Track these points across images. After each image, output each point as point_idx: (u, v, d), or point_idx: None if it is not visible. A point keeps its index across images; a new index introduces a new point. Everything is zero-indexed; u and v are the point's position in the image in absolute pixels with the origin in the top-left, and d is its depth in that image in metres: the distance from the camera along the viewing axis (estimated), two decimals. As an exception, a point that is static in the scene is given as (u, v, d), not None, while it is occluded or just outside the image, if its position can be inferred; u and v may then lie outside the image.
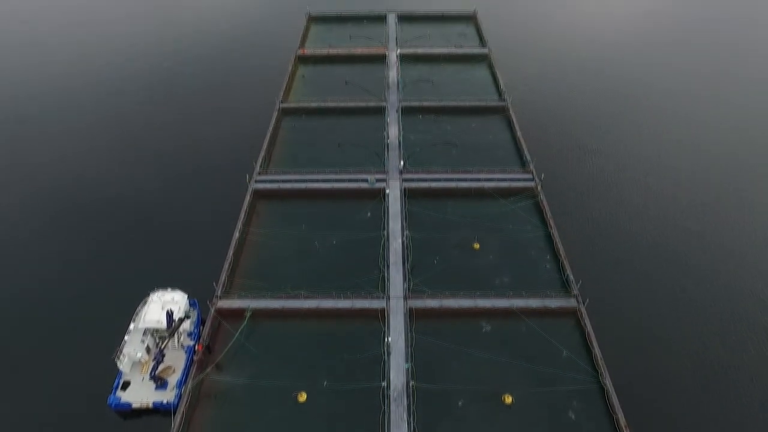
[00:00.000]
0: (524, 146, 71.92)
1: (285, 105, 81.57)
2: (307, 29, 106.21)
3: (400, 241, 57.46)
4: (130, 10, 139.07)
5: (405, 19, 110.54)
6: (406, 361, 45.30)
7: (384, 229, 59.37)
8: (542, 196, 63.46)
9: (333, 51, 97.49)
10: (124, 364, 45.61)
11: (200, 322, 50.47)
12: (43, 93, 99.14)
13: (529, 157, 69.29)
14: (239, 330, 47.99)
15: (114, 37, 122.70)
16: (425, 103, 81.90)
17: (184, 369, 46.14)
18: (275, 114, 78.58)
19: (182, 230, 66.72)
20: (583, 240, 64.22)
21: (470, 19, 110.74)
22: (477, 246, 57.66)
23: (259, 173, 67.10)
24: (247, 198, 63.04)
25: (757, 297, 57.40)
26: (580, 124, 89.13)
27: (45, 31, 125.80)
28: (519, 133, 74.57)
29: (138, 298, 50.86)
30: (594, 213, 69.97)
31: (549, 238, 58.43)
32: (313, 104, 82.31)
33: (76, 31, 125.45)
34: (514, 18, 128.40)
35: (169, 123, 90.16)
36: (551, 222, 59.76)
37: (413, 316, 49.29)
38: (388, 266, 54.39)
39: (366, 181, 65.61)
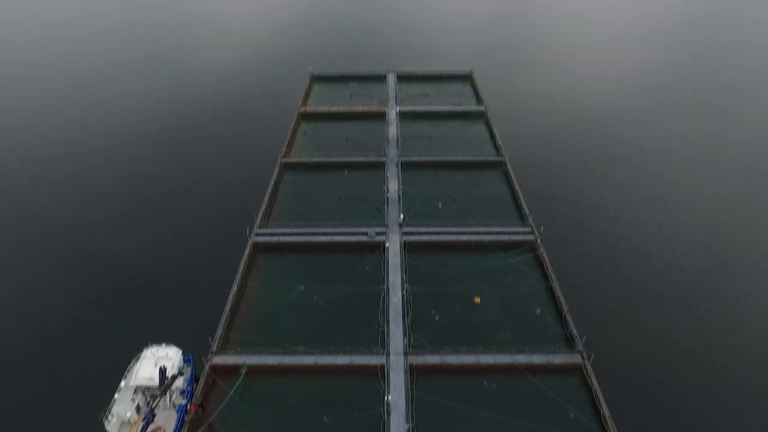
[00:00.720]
0: (523, 200, 72.59)
1: (287, 160, 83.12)
2: (309, 88, 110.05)
3: (400, 295, 56.75)
4: (139, 66, 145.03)
5: (404, 78, 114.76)
6: (407, 421, 43.46)
7: (384, 282, 58.79)
8: (542, 249, 63.34)
9: (334, 108, 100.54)
10: (111, 425, 43.73)
11: (194, 379, 48.88)
12: (44, 141, 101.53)
13: (527, 211, 69.77)
14: (234, 388, 46.40)
15: (122, 90, 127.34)
16: (424, 158, 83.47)
17: (175, 430, 44.18)
18: (277, 168, 79.93)
19: (180, 283, 66.25)
20: (585, 292, 63.58)
21: (467, 78, 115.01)
22: (478, 300, 56.89)
23: (260, 226, 67.33)
24: (247, 251, 62.89)
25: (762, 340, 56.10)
26: (576, 177, 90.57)
27: (54, 86, 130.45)
28: (517, 187, 75.49)
29: (132, 354, 49.60)
30: (594, 265, 69.71)
31: (550, 291, 57.75)
32: (315, 159, 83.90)
33: (84, 85, 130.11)
34: (508, 77, 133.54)
35: (172, 177, 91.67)
36: (552, 275, 59.28)
37: (414, 372, 47.82)
38: (388, 321, 53.39)
39: (366, 234, 65.72)
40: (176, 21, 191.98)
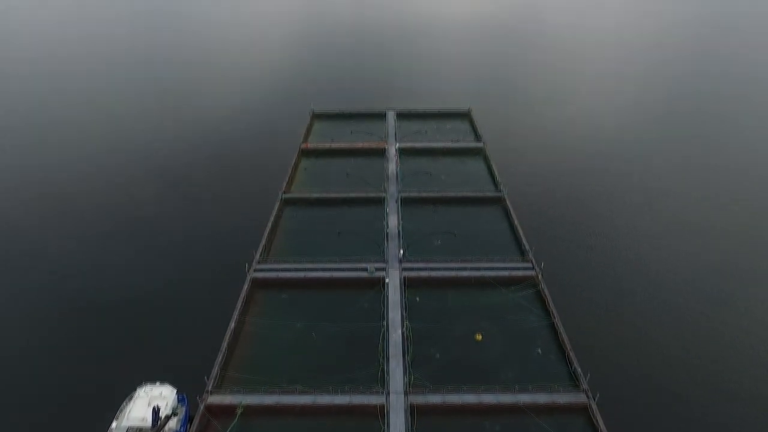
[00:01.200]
0: (522, 235, 72.60)
1: (287, 195, 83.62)
2: (311, 125, 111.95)
3: (400, 332, 55.92)
4: (141, 102, 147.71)
5: (403, 116, 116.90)
6: (408, 465, 41.98)
7: (383, 319, 58.04)
8: (543, 285, 62.86)
9: (335, 145, 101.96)
10: (102, 469, 42.23)
11: (188, 419, 47.52)
12: (43, 178, 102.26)
13: (527, 246, 69.64)
14: (229, 429, 45.03)
15: (123, 125, 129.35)
16: (424, 194, 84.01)
17: (167, 474, 42.62)
18: (277, 204, 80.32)
19: (176, 319, 65.39)
20: (588, 329, 62.67)
21: (465, 115, 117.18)
22: (479, 337, 56.01)
23: (259, 262, 67.03)
24: (245, 287, 62.37)
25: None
26: (575, 212, 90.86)
27: (55, 123, 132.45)
28: (516, 223, 75.64)
29: (125, 392, 48.38)
30: (596, 300, 68.99)
31: (552, 327, 56.94)
32: (315, 195, 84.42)
33: (85, 122, 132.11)
34: (506, 114, 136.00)
35: (172, 212, 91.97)
36: (554, 311, 58.59)
37: (415, 413, 46.54)
38: (388, 359, 52.39)
39: (366, 270, 65.36)
40: (179, 58, 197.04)
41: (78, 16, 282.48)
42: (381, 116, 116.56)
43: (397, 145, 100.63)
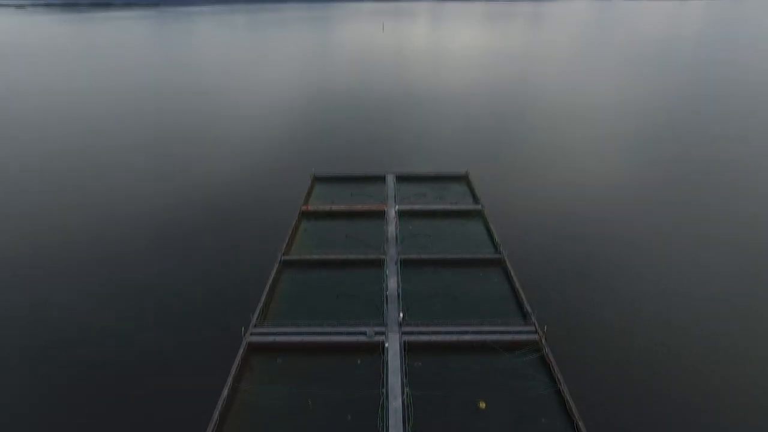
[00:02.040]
0: (524, 298, 71.64)
1: (286, 257, 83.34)
2: (311, 188, 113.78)
3: (400, 400, 53.65)
4: (142, 163, 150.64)
5: (402, 179, 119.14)
6: None
7: (383, 386, 55.89)
8: (547, 350, 61.15)
9: (335, 207, 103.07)
10: None
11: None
12: (42, 243, 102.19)
13: (529, 309, 68.51)
14: None
15: (122, 184, 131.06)
16: (424, 256, 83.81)
17: None
18: (276, 266, 79.85)
19: (168, 387, 62.78)
20: (596, 396, 60.09)
21: (462, 178, 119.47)
22: (483, 405, 53.67)
23: (256, 325, 65.58)
24: (241, 351, 60.58)
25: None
26: (576, 273, 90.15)
27: (55, 183, 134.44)
28: (518, 285, 74.90)
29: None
30: (604, 366, 66.72)
31: (559, 394, 54.72)
32: (314, 257, 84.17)
33: (85, 183, 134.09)
34: (503, 177, 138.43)
35: (168, 275, 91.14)
36: (560, 377, 56.58)
37: (416, 490, 43.63)
38: (388, 429, 49.85)
39: (365, 334, 63.83)
40: (183, 122, 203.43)
41: (82, 86, 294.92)
42: (380, 179, 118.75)
43: (397, 207, 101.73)
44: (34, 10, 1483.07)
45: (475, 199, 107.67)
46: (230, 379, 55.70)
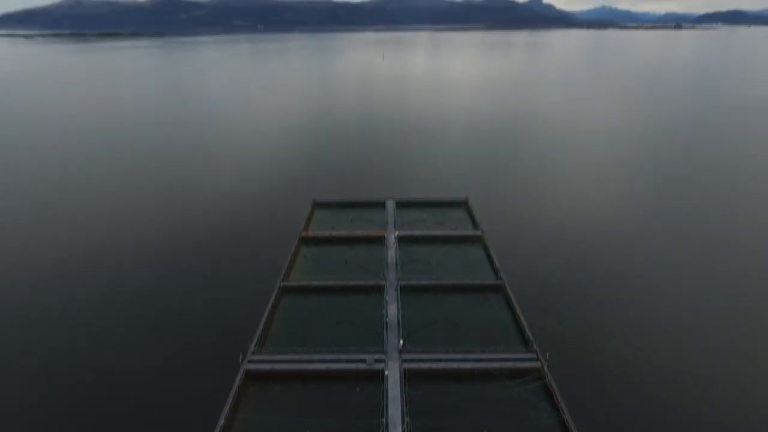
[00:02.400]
0: (525, 324, 70.88)
1: (285, 283, 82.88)
2: (311, 213, 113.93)
3: (400, 429, 52.53)
4: (142, 187, 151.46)
5: (402, 205, 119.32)
6: None
7: (382, 415, 54.78)
8: (550, 378, 60.14)
9: (335, 233, 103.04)
10: None
11: None
12: (40, 264, 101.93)
13: (531, 336, 67.68)
14: None
15: (122, 209, 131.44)
16: (424, 282, 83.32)
17: None
18: (275, 292, 79.33)
19: (163, 416, 61.65)
20: (600, 427, 58.86)
21: (462, 204, 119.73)
22: (485, 436, 52.51)
23: (254, 352, 64.72)
24: (238, 379, 59.63)
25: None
26: (578, 299, 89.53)
27: (54, 201, 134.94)
28: (518, 311, 74.21)
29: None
30: (607, 395, 65.58)
31: (563, 424, 53.54)
32: (314, 282, 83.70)
33: (85, 206, 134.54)
34: (502, 203, 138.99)
35: (163, 300, 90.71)
36: (563, 407, 55.48)
37: None
38: (388, 460, 48.66)
39: (364, 361, 62.94)
40: (183, 147, 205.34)
41: (86, 111, 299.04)
42: (380, 205, 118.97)
43: (397, 233, 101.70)
44: (43, 39, 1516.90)
45: (475, 224, 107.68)
46: (227, 408, 54.66)
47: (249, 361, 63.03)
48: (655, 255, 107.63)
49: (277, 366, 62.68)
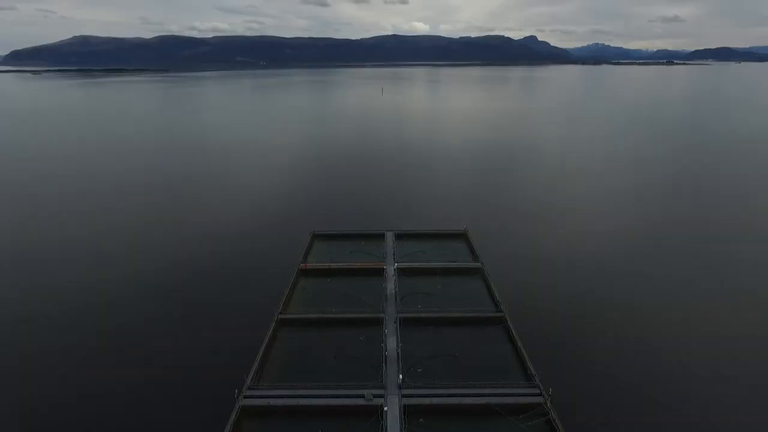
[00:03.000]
0: (527, 358, 69.58)
1: (283, 316, 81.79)
2: (310, 245, 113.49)
3: (400, 469, 50.77)
4: (141, 218, 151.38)
5: (401, 236, 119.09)
6: None
7: (382, 455, 53.06)
8: (554, 414, 58.56)
9: (334, 265, 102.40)
10: None
11: None
12: (40, 300, 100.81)
13: (533, 370, 66.30)
14: None
15: (123, 240, 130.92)
16: (423, 315, 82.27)
17: None
18: (273, 325, 78.17)
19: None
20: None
21: (461, 236, 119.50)
22: (488, 475, 50.67)
23: (249, 387, 63.21)
24: (233, 415, 58.00)
25: None
26: (580, 331, 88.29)
27: (54, 237, 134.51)
28: (520, 344, 72.96)
29: None
30: (614, 430, 63.80)
31: (568, 464, 51.80)
32: (312, 315, 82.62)
33: (85, 240, 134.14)
34: (502, 234, 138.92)
35: (159, 331, 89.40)
36: (568, 445, 53.83)
37: None
38: (387, 502, 46.77)
39: (363, 397, 61.42)
40: (181, 179, 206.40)
41: (89, 144, 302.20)
42: (380, 236, 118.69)
43: (396, 265, 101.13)
44: (50, 75, 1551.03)
45: (475, 256, 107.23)
46: (221, 447, 52.99)
47: (245, 397, 61.51)
48: (657, 286, 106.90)
49: (273, 401, 61.14)
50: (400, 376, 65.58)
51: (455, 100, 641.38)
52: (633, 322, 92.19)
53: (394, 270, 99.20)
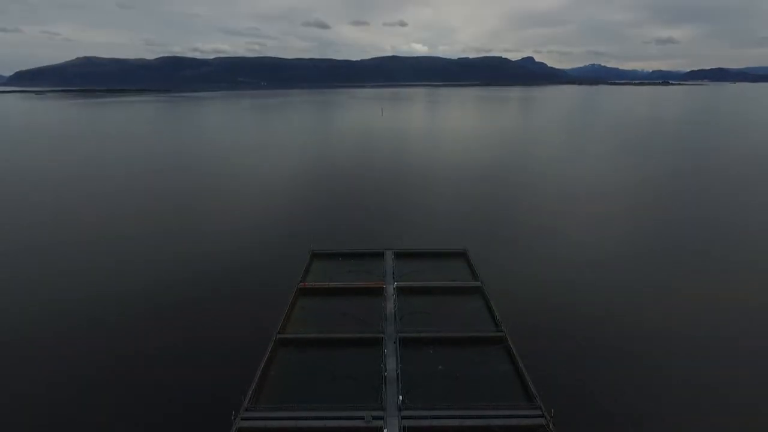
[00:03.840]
0: (528, 378, 68.72)
1: (282, 336, 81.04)
2: (309, 264, 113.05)
3: (399, 493, 49.67)
4: (139, 237, 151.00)
5: (401, 255, 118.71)
6: None
7: (381, 479, 51.99)
8: (556, 436, 57.64)
9: (333, 284, 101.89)
10: None
11: None
12: (39, 321, 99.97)
13: (535, 391, 65.44)
14: None
15: (122, 258, 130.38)
16: (423, 334, 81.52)
17: None
18: (271, 344, 77.40)
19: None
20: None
21: (461, 255, 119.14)
22: (489, 500, 49.57)
23: (247, 409, 62.26)
24: (230, 439, 57.05)
25: None
26: (581, 351, 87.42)
27: (51, 258, 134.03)
28: (521, 364, 72.14)
29: None
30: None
31: (571, 488, 50.70)
32: (311, 335, 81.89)
33: (84, 261, 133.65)
34: (502, 254, 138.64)
35: (154, 352, 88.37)
36: (571, 468, 52.78)
37: None
38: None
39: (362, 418, 60.47)
40: (180, 197, 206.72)
41: (90, 163, 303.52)
42: (379, 255, 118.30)
43: (395, 284, 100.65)
44: (52, 95, 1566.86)
45: (475, 275, 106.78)
46: (217, 471, 51.91)
47: (242, 418, 60.54)
48: (660, 305, 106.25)
49: (271, 423, 60.16)
50: (400, 398, 64.68)
51: (454, 120, 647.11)
52: (636, 343, 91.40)
53: (394, 289, 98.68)
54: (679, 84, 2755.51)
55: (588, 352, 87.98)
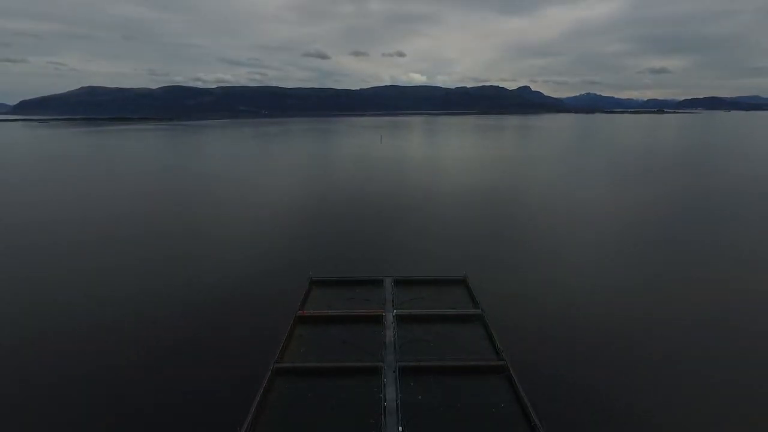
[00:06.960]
0: (530, 408, 67.37)
1: (279, 365, 79.76)
2: (308, 292, 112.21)
3: None
4: (135, 264, 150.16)
5: (400, 283, 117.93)
6: None
7: None
8: (560, 469, 56.10)
9: (332, 312, 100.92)
10: None
11: None
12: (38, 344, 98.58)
13: (537, 421, 64.06)
14: None
15: (118, 283, 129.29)
16: (423, 363, 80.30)
17: None
18: (268, 375, 76.10)
19: None
20: None
21: (461, 282, 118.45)
22: None
23: (243, 442, 60.81)
24: (225, 473, 55.44)
25: None
26: (584, 380, 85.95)
27: (48, 287, 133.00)
28: (522, 393, 70.82)
29: None
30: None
31: None
32: (309, 364, 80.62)
33: (83, 287, 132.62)
34: (502, 281, 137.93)
35: (150, 382, 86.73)
36: (576, 503, 51.19)
37: None
38: None
39: (361, 451, 59.02)
40: (178, 224, 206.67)
41: (88, 190, 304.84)
42: (378, 282, 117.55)
43: (395, 311, 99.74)
44: (57, 123, 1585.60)
45: (475, 303, 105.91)
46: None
47: (237, 452, 59.04)
48: (666, 329, 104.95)
49: (267, 457, 58.61)
50: (400, 428, 63.25)
51: (453, 148, 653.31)
52: (643, 372, 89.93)
53: (393, 317, 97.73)
54: (674, 112, 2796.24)
55: (591, 381, 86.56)
